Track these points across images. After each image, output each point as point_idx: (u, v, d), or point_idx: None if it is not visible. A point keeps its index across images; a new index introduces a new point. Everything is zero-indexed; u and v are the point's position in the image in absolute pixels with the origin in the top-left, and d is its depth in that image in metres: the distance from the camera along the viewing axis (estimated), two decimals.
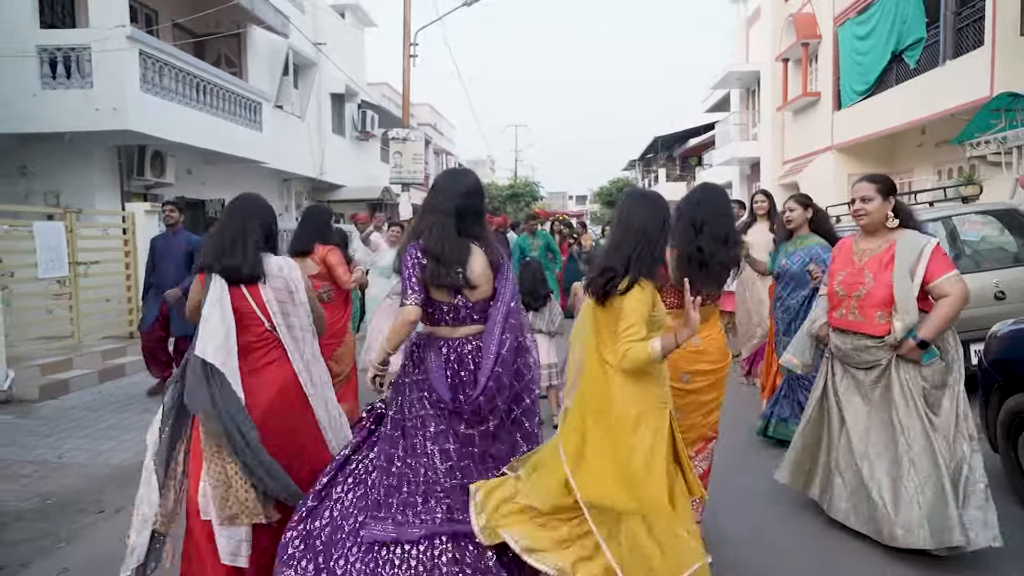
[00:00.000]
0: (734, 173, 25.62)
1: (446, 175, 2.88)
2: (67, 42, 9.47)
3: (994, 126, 9.17)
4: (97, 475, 4.67)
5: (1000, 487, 3.87)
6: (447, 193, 2.76)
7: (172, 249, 6.55)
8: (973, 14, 11.81)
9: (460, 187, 2.78)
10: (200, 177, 12.97)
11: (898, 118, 13.89)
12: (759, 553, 3.35)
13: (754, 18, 23.07)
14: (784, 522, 3.68)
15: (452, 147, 36.83)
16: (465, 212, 2.74)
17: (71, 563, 3.42)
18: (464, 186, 2.79)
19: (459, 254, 2.66)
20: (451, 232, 2.67)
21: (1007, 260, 5.91)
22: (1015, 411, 3.69)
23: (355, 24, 20.77)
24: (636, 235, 2.64)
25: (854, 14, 15.75)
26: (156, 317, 6.60)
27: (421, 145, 16.38)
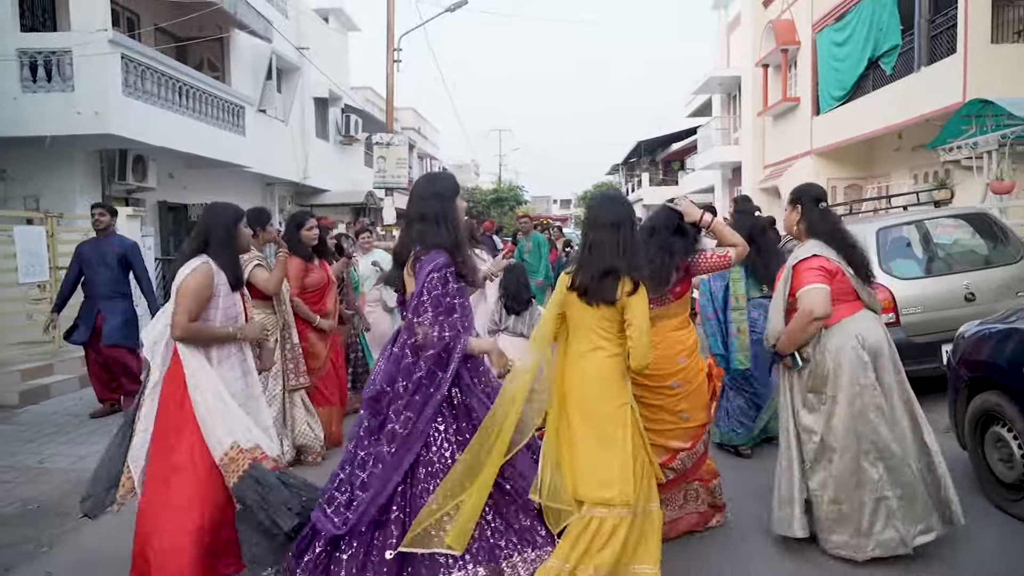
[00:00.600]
0: (716, 177, 25.89)
1: (416, 182, 3.05)
2: (48, 46, 9.42)
3: (965, 131, 9.38)
4: (79, 480, 4.65)
5: (968, 483, 3.99)
6: (410, 200, 2.95)
7: (103, 255, 6.12)
8: (946, 22, 12.07)
9: (417, 193, 2.93)
10: (182, 181, 12.92)
11: (875, 123, 14.14)
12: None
13: (735, 24, 23.35)
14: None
15: (436, 151, 36.84)
16: (415, 218, 2.85)
17: (54, 567, 3.44)
18: (419, 192, 2.93)
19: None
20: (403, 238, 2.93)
21: (978, 263, 6.06)
22: (981, 410, 3.81)
23: (339, 28, 20.78)
24: (616, 234, 2.79)
25: (832, 21, 16.01)
26: (90, 330, 6.13)
27: (405, 150, 16.40)
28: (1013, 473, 3.57)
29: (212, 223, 3.14)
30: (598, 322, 2.78)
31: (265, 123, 15.06)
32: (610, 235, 2.79)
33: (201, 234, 3.13)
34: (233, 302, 3.17)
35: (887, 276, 5.73)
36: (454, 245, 2.77)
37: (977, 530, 3.42)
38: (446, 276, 2.69)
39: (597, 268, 2.76)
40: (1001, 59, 11.08)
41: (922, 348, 5.42)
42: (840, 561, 3.20)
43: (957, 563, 3.21)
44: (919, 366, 5.42)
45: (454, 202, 2.87)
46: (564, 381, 2.88)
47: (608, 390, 2.78)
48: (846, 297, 3.27)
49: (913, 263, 6.05)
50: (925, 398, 5.44)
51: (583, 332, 2.83)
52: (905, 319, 5.62)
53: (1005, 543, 3.39)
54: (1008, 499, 3.63)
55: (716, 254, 3.32)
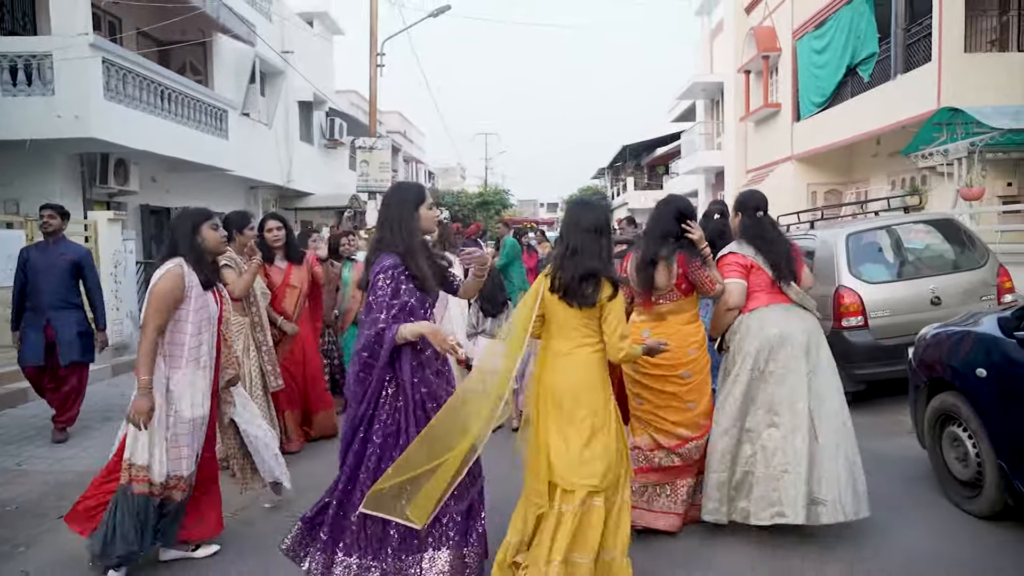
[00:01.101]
0: (699, 182, 26.13)
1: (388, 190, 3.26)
2: (28, 49, 9.40)
3: (937, 139, 9.59)
4: (58, 482, 4.70)
5: (927, 481, 4.12)
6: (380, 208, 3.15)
7: (53, 262, 5.56)
8: (922, 31, 12.32)
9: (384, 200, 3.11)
10: (165, 185, 12.91)
11: (854, 129, 14.39)
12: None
13: (718, 30, 23.61)
14: None
15: (422, 155, 36.90)
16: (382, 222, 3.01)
17: (31, 567, 3.47)
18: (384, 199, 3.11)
19: None
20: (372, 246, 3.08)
21: (944, 267, 6.20)
22: (939, 410, 3.93)
23: (323, 32, 20.81)
24: (597, 238, 2.92)
25: (811, 28, 16.27)
26: (43, 345, 5.56)
27: (388, 154, 16.46)
28: (968, 471, 3.69)
29: (178, 226, 3.31)
30: (580, 321, 2.89)
31: (249, 127, 15.06)
32: (590, 240, 2.90)
33: (171, 239, 3.30)
34: (205, 303, 3.27)
35: (856, 280, 5.88)
36: (406, 249, 2.87)
37: (940, 525, 3.55)
38: (392, 275, 2.82)
39: (578, 271, 2.86)
40: (975, 68, 11.33)
41: (890, 351, 5.54)
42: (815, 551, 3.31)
43: (913, 555, 3.33)
44: (886, 368, 5.58)
45: (416, 210, 2.95)
46: (548, 378, 2.96)
47: (597, 382, 2.92)
48: (763, 290, 3.64)
49: (881, 267, 6.19)
50: (894, 399, 5.62)
51: (566, 331, 2.92)
52: (873, 322, 5.76)
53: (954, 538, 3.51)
54: (964, 496, 3.75)
55: (708, 276, 3.54)
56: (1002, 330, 3.29)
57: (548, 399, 2.93)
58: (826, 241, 6.25)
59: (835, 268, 5.99)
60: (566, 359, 2.91)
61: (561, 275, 2.89)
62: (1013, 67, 11.33)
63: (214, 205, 14.70)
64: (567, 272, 2.88)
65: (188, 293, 3.17)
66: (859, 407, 5.98)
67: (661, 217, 3.64)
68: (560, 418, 2.88)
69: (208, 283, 3.30)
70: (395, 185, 3.22)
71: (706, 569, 3.30)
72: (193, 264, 3.23)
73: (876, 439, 5.17)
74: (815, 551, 3.41)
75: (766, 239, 3.68)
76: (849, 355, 5.79)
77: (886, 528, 3.61)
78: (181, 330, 3.18)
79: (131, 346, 9.02)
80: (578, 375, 2.90)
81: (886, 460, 4.68)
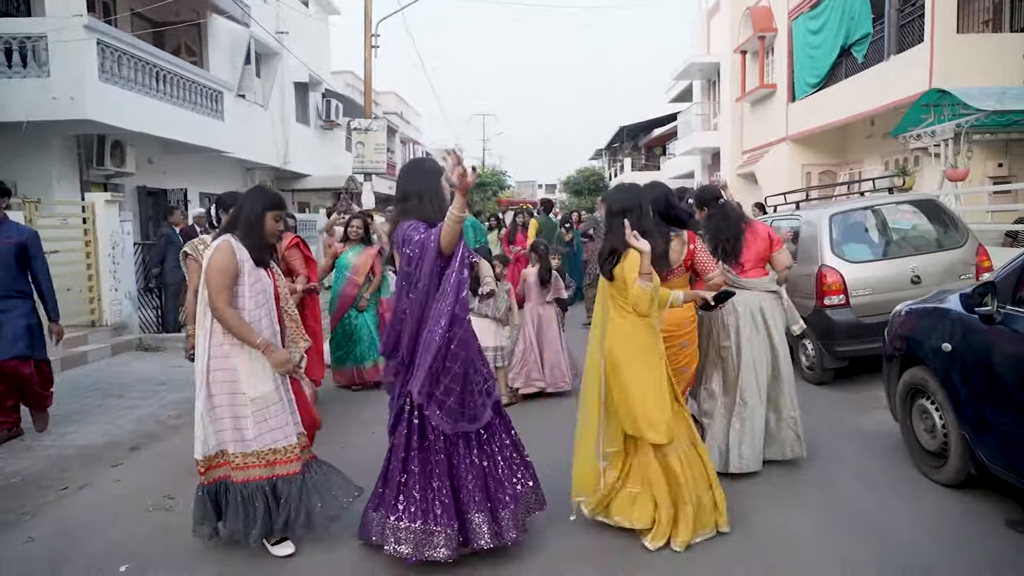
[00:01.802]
0: (696, 163, 26.14)
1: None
2: (23, 31, 9.44)
3: (925, 120, 9.66)
4: (61, 455, 4.85)
5: (899, 453, 4.28)
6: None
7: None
8: (915, 11, 12.34)
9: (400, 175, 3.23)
10: (161, 166, 12.97)
11: (848, 110, 14.42)
12: None
13: (714, 10, 23.51)
14: None
15: (419, 136, 36.80)
16: (398, 198, 3.16)
17: (36, 534, 3.62)
18: (401, 173, 3.25)
19: None
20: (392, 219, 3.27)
21: (925, 247, 6.32)
22: (909, 383, 4.08)
23: (319, 12, 20.72)
24: (619, 219, 3.27)
25: (807, 8, 16.24)
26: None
27: (383, 135, 16.50)
28: (935, 442, 3.85)
29: (244, 204, 3.31)
30: (621, 293, 3.30)
31: (244, 108, 15.09)
32: (616, 222, 3.29)
33: (232, 214, 3.35)
34: (258, 277, 3.26)
35: (838, 260, 6.01)
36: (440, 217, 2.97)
37: (911, 496, 3.71)
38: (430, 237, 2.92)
39: (605, 251, 3.32)
40: (967, 48, 11.37)
41: (871, 328, 5.66)
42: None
43: (892, 528, 3.49)
44: (867, 345, 5.72)
45: (439, 182, 3.12)
46: (607, 344, 3.35)
47: (644, 347, 3.29)
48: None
49: (864, 247, 6.31)
50: (874, 376, 5.77)
51: (615, 303, 3.37)
52: (855, 301, 5.90)
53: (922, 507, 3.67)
54: (931, 466, 3.91)
55: (709, 261, 3.90)
56: (964, 306, 3.42)
57: (608, 362, 3.34)
58: (810, 221, 6.37)
59: (818, 248, 6.12)
60: (616, 327, 3.34)
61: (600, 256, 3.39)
62: (1005, 47, 11.37)
63: (210, 186, 14.81)
64: (600, 254, 3.35)
65: (240, 267, 3.17)
66: (840, 383, 6.17)
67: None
68: (617, 378, 3.29)
69: (260, 261, 3.28)
70: (416, 159, 3.39)
71: None
72: (245, 242, 3.22)
73: (854, 414, 5.35)
74: (784, 513, 3.58)
75: (714, 226, 4.22)
76: (831, 332, 5.94)
77: (856, 496, 3.77)
78: (240, 306, 3.18)
79: (129, 326, 9.16)
80: (626, 340, 3.29)
81: (862, 433, 4.86)
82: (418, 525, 2.94)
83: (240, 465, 3.16)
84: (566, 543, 3.34)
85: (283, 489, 3.18)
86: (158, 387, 6.88)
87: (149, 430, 5.50)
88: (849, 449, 4.55)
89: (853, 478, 4.04)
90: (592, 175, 41.64)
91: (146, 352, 8.71)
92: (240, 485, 3.17)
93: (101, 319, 8.80)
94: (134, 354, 8.62)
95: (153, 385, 6.97)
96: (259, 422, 3.16)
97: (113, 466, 4.67)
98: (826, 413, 5.41)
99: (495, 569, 3.10)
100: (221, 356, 3.16)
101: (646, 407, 3.23)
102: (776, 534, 3.39)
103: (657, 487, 3.27)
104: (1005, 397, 3.26)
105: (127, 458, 4.85)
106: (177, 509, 3.86)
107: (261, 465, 3.18)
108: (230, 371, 3.15)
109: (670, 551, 3.22)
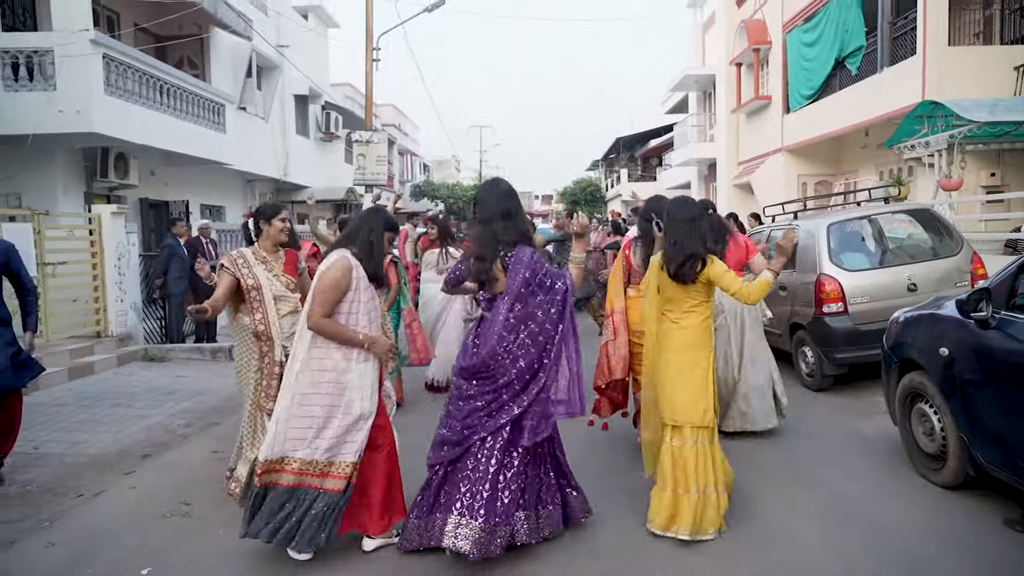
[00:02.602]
0: (692, 174, 26.33)
1: (482, 188, 3.55)
2: (29, 45, 9.55)
3: (918, 131, 9.81)
4: (74, 463, 4.92)
5: (898, 456, 4.38)
6: (483, 204, 3.42)
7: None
8: (907, 24, 12.53)
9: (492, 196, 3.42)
10: (163, 178, 13.07)
11: (842, 121, 14.60)
12: None
13: (709, 23, 23.78)
14: None
15: (416, 147, 37.00)
16: (496, 217, 3.34)
17: (56, 539, 3.69)
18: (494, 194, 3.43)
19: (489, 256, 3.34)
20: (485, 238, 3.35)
21: (921, 255, 6.45)
22: (908, 388, 4.18)
23: (318, 25, 20.91)
24: (693, 226, 3.57)
25: (801, 21, 16.46)
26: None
27: (384, 147, 16.64)
28: (934, 445, 3.95)
29: (365, 222, 3.44)
30: (688, 294, 3.60)
31: (245, 120, 15.21)
32: (688, 228, 3.57)
33: (349, 230, 3.45)
34: (372, 295, 3.37)
35: (836, 268, 6.14)
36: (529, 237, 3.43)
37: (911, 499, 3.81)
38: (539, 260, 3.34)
39: (681, 257, 3.54)
40: (958, 60, 11.55)
41: (869, 335, 5.79)
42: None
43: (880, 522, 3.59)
44: (865, 352, 5.83)
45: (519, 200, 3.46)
46: (664, 339, 3.68)
47: (700, 342, 3.61)
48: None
49: (861, 256, 6.44)
50: (873, 382, 5.88)
51: (677, 303, 3.64)
52: (853, 308, 6.02)
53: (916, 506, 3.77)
54: (930, 468, 4.01)
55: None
56: (960, 312, 3.54)
57: (663, 356, 3.65)
58: (808, 231, 6.50)
59: (817, 256, 6.24)
60: (677, 324, 3.63)
61: (671, 262, 3.58)
62: (996, 60, 11.56)
63: (212, 198, 14.92)
64: (674, 259, 3.57)
65: (356, 284, 3.26)
66: (840, 390, 6.28)
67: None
68: (671, 370, 3.59)
69: (375, 278, 3.39)
70: (496, 179, 3.60)
71: None
72: (364, 258, 3.31)
73: (854, 419, 5.46)
74: (786, 515, 3.67)
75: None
76: (830, 340, 6.06)
77: (857, 498, 3.87)
78: (354, 323, 3.26)
79: (135, 337, 9.23)
80: (687, 337, 3.60)
81: (862, 438, 4.97)
82: (479, 523, 3.10)
83: (296, 470, 3.22)
84: (573, 544, 3.43)
85: (320, 503, 3.22)
86: (166, 396, 6.95)
87: (160, 439, 5.57)
88: (849, 453, 4.65)
89: (854, 481, 4.13)
90: (589, 186, 41.82)
91: (152, 362, 8.78)
92: (285, 489, 3.21)
93: (107, 330, 8.87)
94: (140, 364, 8.69)
95: (160, 395, 7.04)
96: (342, 434, 3.23)
97: (126, 473, 4.74)
98: (826, 418, 5.52)
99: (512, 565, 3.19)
100: (330, 368, 3.24)
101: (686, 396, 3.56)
102: (778, 535, 3.48)
103: (663, 468, 3.54)
104: (1001, 399, 3.37)
105: (139, 466, 4.92)
106: (194, 515, 3.94)
107: (315, 475, 3.22)
108: (343, 384, 3.24)
109: (673, 549, 3.31)
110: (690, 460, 3.46)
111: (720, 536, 3.43)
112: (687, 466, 3.46)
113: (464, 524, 3.11)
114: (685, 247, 3.54)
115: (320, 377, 3.23)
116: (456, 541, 3.08)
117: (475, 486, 3.16)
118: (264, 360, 3.83)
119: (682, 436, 3.51)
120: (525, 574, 3.18)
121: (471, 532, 3.08)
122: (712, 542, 3.38)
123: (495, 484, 3.15)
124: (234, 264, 3.83)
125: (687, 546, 3.35)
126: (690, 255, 3.53)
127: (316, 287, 3.23)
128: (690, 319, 3.62)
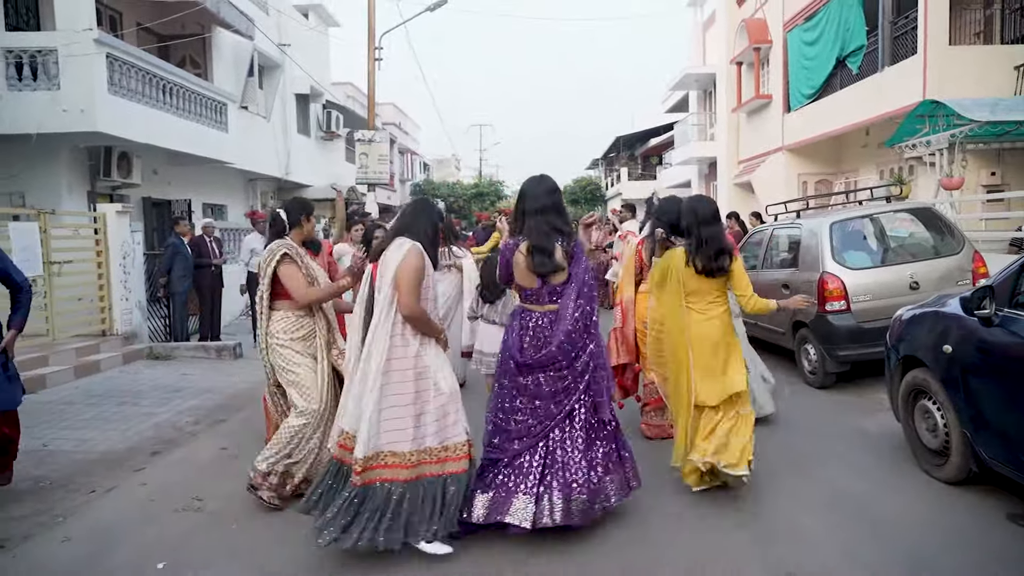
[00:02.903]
0: (692, 172, 26.35)
1: (529, 182, 3.58)
2: (33, 44, 9.57)
3: (919, 130, 9.86)
4: (85, 460, 4.97)
5: (902, 452, 4.43)
6: (533, 196, 3.47)
7: None
8: (908, 23, 12.57)
9: (542, 189, 3.50)
10: (166, 177, 13.09)
11: (843, 120, 14.64)
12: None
13: (710, 22, 23.80)
14: None
15: (417, 146, 36.99)
16: (549, 209, 3.43)
17: (72, 534, 3.74)
18: (545, 187, 3.51)
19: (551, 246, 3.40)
20: (545, 229, 3.40)
21: (922, 254, 6.49)
22: (911, 384, 4.23)
23: (319, 25, 20.92)
24: (718, 223, 3.89)
25: (801, 21, 16.50)
26: None
27: (386, 146, 16.67)
28: (937, 441, 4.00)
29: (422, 212, 3.53)
30: (712, 287, 3.91)
31: (247, 119, 15.24)
32: (718, 227, 3.88)
33: (406, 221, 3.48)
34: (430, 284, 3.43)
35: (839, 266, 6.18)
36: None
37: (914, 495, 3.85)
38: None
39: (713, 250, 3.80)
40: (959, 60, 11.59)
41: (871, 333, 5.82)
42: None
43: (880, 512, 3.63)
44: (868, 349, 5.87)
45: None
46: (693, 330, 3.91)
47: (729, 330, 3.96)
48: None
49: (864, 254, 6.48)
50: (876, 379, 5.92)
51: (701, 295, 3.93)
52: (856, 306, 6.06)
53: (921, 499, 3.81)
54: (934, 464, 4.05)
55: None
56: (964, 309, 3.58)
57: (693, 345, 3.90)
58: (811, 229, 6.54)
59: (820, 255, 6.29)
60: (703, 316, 3.91)
61: (700, 257, 3.82)
62: (997, 59, 11.61)
63: (214, 197, 14.94)
64: (705, 254, 3.81)
65: (428, 270, 3.35)
66: (842, 387, 6.32)
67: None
68: (703, 357, 3.87)
69: (435, 264, 3.50)
70: (537, 177, 3.59)
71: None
72: (427, 246, 3.39)
73: (857, 416, 5.50)
74: (791, 511, 3.71)
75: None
76: (833, 337, 6.10)
77: (861, 494, 3.91)
78: (429, 309, 3.35)
79: (140, 335, 9.27)
80: (714, 328, 3.90)
81: (866, 434, 5.01)
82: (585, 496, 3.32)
83: (412, 463, 3.20)
84: (580, 540, 3.48)
85: (451, 486, 3.24)
86: (172, 394, 6.99)
87: (168, 436, 5.61)
88: (853, 449, 4.69)
89: (858, 477, 4.17)
90: (588, 185, 41.81)
91: (157, 361, 8.82)
92: (406, 484, 3.18)
93: (112, 328, 8.92)
94: (145, 363, 8.73)
95: (167, 392, 7.08)
96: (441, 417, 3.28)
97: (136, 470, 4.79)
98: (829, 416, 5.56)
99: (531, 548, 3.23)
100: (412, 356, 3.28)
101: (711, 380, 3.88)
102: (784, 531, 3.52)
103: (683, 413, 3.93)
104: (1004, 395, 3.41)
105: (149, 462, 4.96)
106: (206, 510, 3.98)
107: (433, 462, 3.24)
108: (422, 368, 3.28)
109: (681, 544, 3.36)
110: (723, 424, 3.84)
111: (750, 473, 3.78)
112: (718, 429, 3.84)
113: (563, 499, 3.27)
114: (717, 241, 3.81)
115: (403, 365, 3.26)
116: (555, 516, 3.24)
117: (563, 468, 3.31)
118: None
119: (718, 410, 3.85)
120: (531, 567, 3.22)
121: (576, 506, 3.26)
122: (719, 540, 3.42)
123: (583, 459, 3.34)
124: (298, 256, 4.00)
125: (696, 540, 3.40)
126: (722, 249, 3.79)
127: (400, 276, 3.25)
128: (715, 309, 3.93)
